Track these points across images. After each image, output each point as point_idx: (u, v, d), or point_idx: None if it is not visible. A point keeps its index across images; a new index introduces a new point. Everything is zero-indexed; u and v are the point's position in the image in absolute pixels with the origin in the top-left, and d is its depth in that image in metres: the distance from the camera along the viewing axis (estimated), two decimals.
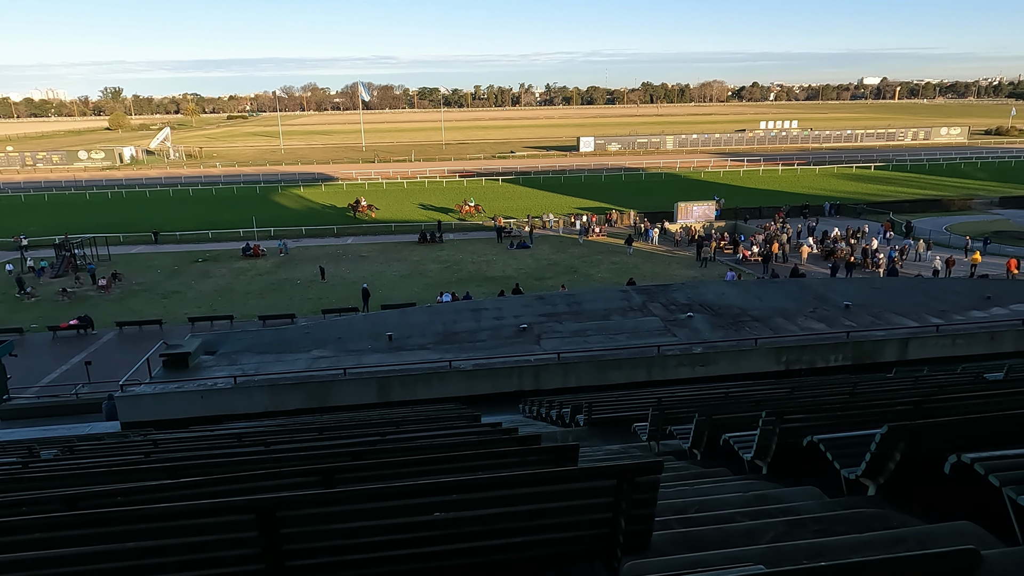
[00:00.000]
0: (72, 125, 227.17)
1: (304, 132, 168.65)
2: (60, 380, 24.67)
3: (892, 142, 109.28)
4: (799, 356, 17.80)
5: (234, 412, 16.08)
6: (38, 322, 31.16)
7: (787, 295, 22.35)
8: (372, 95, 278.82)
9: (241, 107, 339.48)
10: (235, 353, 19.15)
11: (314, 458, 5.47)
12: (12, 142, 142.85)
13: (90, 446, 10.06)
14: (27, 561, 2.94)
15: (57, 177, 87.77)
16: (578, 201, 62.19)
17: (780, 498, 4.69)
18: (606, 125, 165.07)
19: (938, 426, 4.41)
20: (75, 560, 2.95)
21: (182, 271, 40.78)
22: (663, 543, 3.58)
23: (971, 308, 20.43)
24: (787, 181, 72.47)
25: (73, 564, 2.95)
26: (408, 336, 19.86)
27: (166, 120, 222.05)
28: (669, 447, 8.58)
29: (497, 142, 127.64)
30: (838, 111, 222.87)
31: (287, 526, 3.04)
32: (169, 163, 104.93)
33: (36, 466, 7.08)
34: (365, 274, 38.31)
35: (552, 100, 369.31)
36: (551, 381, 17.23)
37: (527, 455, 4.49)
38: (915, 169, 78.99)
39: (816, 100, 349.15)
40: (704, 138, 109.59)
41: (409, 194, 69.24)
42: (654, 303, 21.77)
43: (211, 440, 8.99)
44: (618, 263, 40.32)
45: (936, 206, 55.08)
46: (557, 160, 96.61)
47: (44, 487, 5.17)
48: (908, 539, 3.39)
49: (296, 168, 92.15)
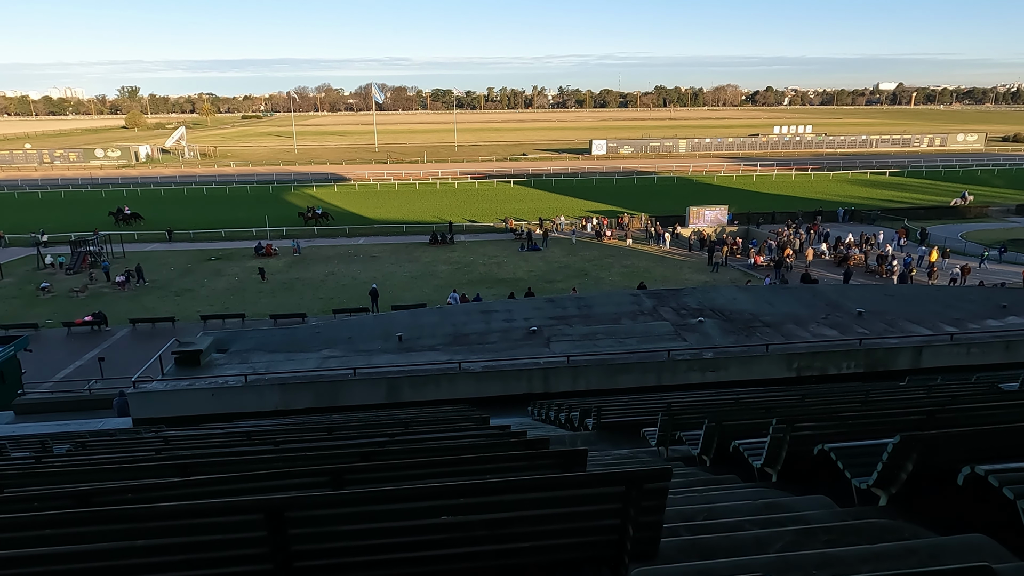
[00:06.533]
0: (89, 123, 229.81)
1: (317, 133, 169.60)
2: (74, 376, 24.93)
3: (908, 148, 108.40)
4: (811, 363, 17.65)
5: (244, 410, 16.16)
6: (53, 318, 31.50)
7: (799, 301, 22.19)
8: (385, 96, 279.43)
9: (256, 107, 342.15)
10: (246, 352, 19.25)
11: (323, 458, 5.48)
12: (31, 139, 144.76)
13: (102, 442, 10.15)
14: (39, 556, 2.97)
15: (74, 174, 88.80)
16: (590, 204, 62.13)
17: (790, 507, 4.65)
18: (619, 128, 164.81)
19: (952, 436, 4.36)
20: (86, 557, 2.98)
21: (195, 269, 41.10)
22: (671, 551, 3.55)
23: (986, 317, 20.19)
24: (800, 186, 72.04)
25: (84, 560, 2.97)
26: (418, 337, 19.88)
27: (181, 119, 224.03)
28: (678, 453, 8.53)
29: (509, 144, 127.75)
30: (853, 116, 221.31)
31: (295, 527, 3.05)
32: (184, 162, 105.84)
33: (49, 461, 7.15)
34: (376, 274, 38.45)
35: (565, 103, 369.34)
36: (560, 384, 17.18)
37: (535, 459, 4.48)
38: (931, 175, 78.31)
39: (831, 105, 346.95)
40: (717, 142, 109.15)
41: (421, 196, 69.43)
42: (665, 307, 21.68)
43: (221, 438, 9.05)
44: (629, 267, 40.22)
45: (952, 213, 54.56)
46: (569, 163, 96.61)
47: (56, 482, 5.22)
48: (920, 551, 3.35)
49: (309, 168, 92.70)
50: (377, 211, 60.51)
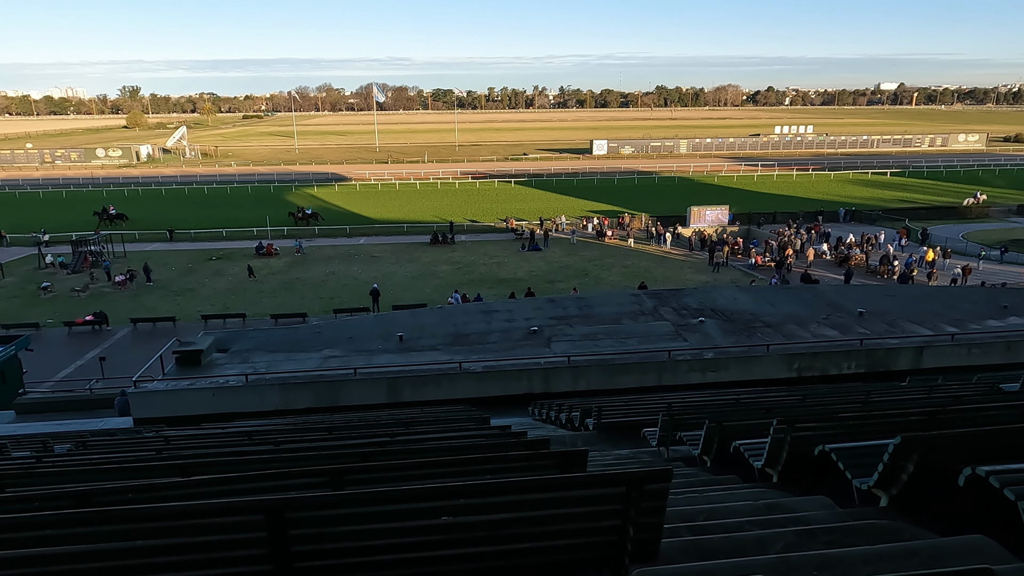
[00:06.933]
0: (90, 123, 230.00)
1: (318, 132, 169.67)
2: (75, 375, 24.95)
3: (909, 148, 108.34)
4: (811, 363, 17.64)
5: (245, 410, 16.16)
6: (54, 317, 31.52)
7: (800, 301, 22.18)
8: (386, 96, 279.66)
9: (256, 107, 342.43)
10: (247, 351, 19.26)
11: (323, 458, 5.48)
12: (32, 139, 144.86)
13: (103, 441, 10.15)
14: (39, 557, 2.97)
15: (75, 174, 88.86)
16: (591, 204, 62.12)
17: (791, 507, 4.65)
18: (619, 128, 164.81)
19: (953, 437, 4.36)
20: (86, 557, 2.98)
21: (196, 269, 41.12)
22: (672, 551, 3.55)
23: (987, 317, 20.17)
24: (801, 186, 72.01)
25: (84, 561, 2.97)
26: (418, 337, 19.89)
27: (182, 119, 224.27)
28: (679, 453, 8.53)
29: (510, 144, 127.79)
30: (854, 116, 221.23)
31: (295, 527, 3.05)
32: (185, 162, 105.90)
33: (49, 461, 7.16)
34: (377, 274, 38.46)
35: (566, 103, 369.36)
36: (561, 384, 17.18)
37: (536, 459, 4.48)
38: (932, 176, 78.24)
39: (832, 105, 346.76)
40: (718, 142, 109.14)
41: (421, 196, 69.44)
42: (665, 307, 21.67)
43: (222, 438, 9.05)
44: (630, 267, 40.21)
45: (953, 213, 54.50)
46: (570, 163, 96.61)
47: (57, 482, 5.23)
48: (920, 552, 3.34)
49: (310, 168, 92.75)
50: (378, 211, 60.52)
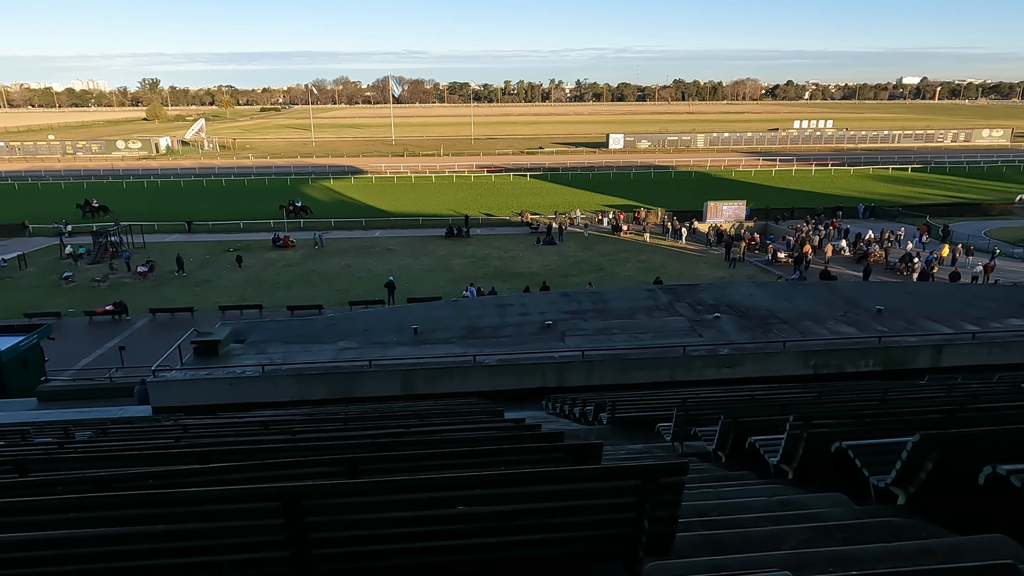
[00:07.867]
0: (111, 115, 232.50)
1: (335, 125, 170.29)
2: (95, 364, 25.32)
3: (931, 144, 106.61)
4: (828, 360, 17.49)
5: (261, 400, 16.35)
6: (75, 307, 32.00)
7: (817, 298, 21.97)
8: (403, 89, 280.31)
9: (274, 100, 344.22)
10: (263, 342, 19.45)
11: (339, 448, 5.53)
12: (54, 131, 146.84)
13: (123, 429, 10.32)
14: (62, 539, 3.03)
15: (96, 165, 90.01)
16: (606, 198, 61.85)
17: (805, 504, 4.62)
18: (636, 122, 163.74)
19: (973, 436, 4.31)
20: (107, 540, 3.03)
21: (214, 260, 41.52)
22: (685, 545, 3.55)
23: (1009, 316, 19.87)
24: (820, 182, 71.17)
25: (105, 544, 3.03)
26: (433, 330, 19.96)
27: (201, 111, 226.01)
28: (693, 448, 8.51)
29: (526, 138, 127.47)
30: (875, 111, 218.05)
31: (312, 514, 3.08)
32: (203, 154, 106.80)
33: (71, 447, 7.29)
34: (392, 267, 38.61)
35: (582, 96, 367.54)
36: (575, 379, 17.18)
37: (550, 452, 4.49)
38: (954, 172, 77.00)
39: (852, 100, 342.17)
40: (736, 137, 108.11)
41: (437, 189, 69.52)
42: (680, 303, 21.57)
43: (239, 427, 9.15)
44: (645, 262, 40.03)
45: (975, 210, 53.59)
46: (586, 157, 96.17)
47: (79, 467, 5.33)
48: (937, 551, 3.31)
49: (327, 161, 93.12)
50: (393, 204, 60.70)
